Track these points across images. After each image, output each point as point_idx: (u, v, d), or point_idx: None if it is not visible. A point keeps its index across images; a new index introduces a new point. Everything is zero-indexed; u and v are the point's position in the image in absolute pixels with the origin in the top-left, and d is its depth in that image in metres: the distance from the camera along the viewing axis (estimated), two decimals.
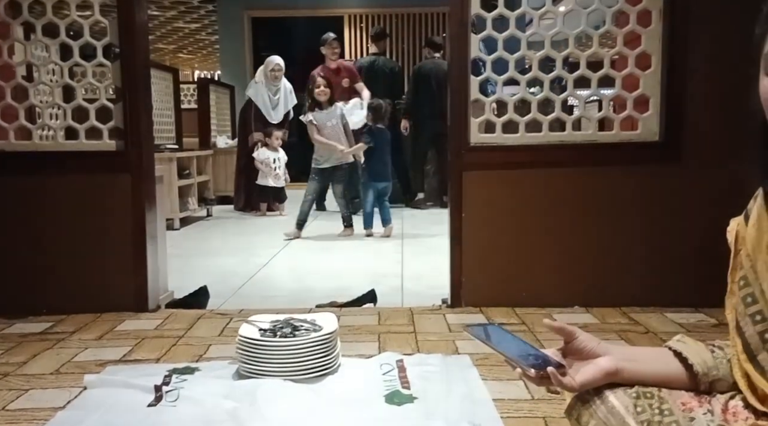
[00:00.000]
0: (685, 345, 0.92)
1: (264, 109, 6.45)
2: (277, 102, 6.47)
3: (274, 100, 6.46)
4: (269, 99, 6.45)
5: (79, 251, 2.83)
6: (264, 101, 6.46)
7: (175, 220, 5.58)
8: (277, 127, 6.45)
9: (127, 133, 2.80)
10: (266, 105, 6.45)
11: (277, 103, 6.46)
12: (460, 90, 2.79)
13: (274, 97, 6.46)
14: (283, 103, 6.49)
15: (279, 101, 6.47)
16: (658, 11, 2.68)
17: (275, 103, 6.46)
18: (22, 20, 2.81)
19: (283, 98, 6.50)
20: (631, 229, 2.81)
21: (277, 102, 6.47)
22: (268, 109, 6.45)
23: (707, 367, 0.89)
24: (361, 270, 3.87)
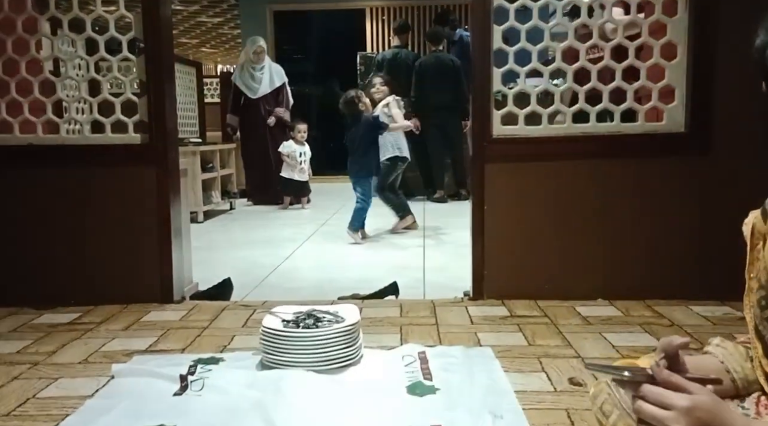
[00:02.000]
0: (725, 351, 0.90)
1: (243, 86, 6.50)
2: (260, 77, 6.50)
3: (257, 76, 6.49)
4: (250, 76, 6.50)
5: (106, 243, 2.88)
6: (243, 78, 6.52)
7: (199, 213, 5.64)
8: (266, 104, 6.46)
9: (152, 126, 2.84)
10: (247, 82, 6.50)
11: (260, 79, 6.49)
12: (482, 82, 2.77)
13: (257, 74, 6.50)
14: (267, 80, 6.52)
15: (262, 78, 6.50)
16: (684, 1, 2.64)
17: (258, 80, 6.49)
18: (49, 15, 2.85)
19: (267, 76, 6.52)
20: (656, 221, 2.78)
21: (260, 77, 6.50)
22: (248, 85, 6.49)
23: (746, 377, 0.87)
24: (384, 262, 3.88)
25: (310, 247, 4.47)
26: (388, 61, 6.88)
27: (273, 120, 6.50)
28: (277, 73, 6.62)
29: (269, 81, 6.52)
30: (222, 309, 2.79)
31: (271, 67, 6.59)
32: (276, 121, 6.53)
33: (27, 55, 2.84)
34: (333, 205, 6.45)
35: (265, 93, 6.49)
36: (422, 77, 6.57)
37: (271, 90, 6.53)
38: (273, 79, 6.55)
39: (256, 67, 6.49)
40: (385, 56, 7.04)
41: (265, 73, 6.51)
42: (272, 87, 6.53)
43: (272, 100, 6.56)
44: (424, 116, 6.57)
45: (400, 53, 6.92)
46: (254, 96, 6.47)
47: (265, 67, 6.52)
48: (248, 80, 6.51)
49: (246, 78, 6.52)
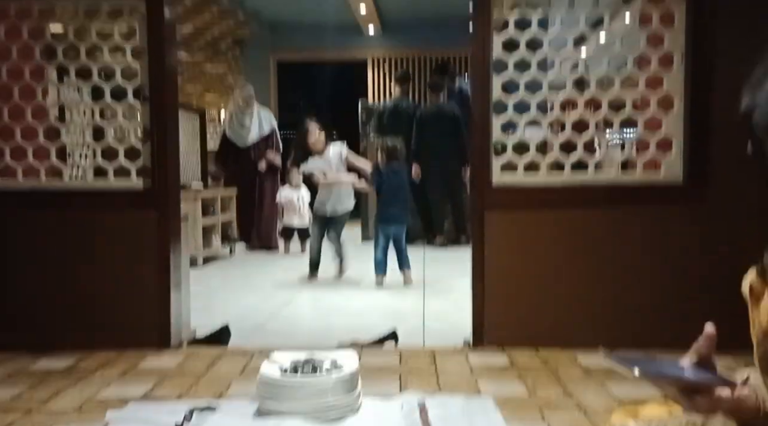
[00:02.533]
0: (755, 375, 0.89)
1: (233, 136, 6.53)
2: (249, 125, 6.54)
3: (245, 124, 6.52)
4: (239, 124, 6.54)
5: (105, 288, 2.87)
6: (233, 128, 6.56)
7: (199, 258, 5.63)
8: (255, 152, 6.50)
9: (155, 172, 2.86)
10: (236, 130, 6.54)
11: (249, 128, 6.53)
12: (482, 131, 2.81)
13: (246, 121, 6.53)
14: (256, 127, 6.55)
15: (251, 125, 6.54)
16: (680, 55, 2.70)
17: (247, 127, 6.53)
18: (56, 63, 2.91)
19: (256, 123, 6.56)
20: (655, 271, 2.78)
21: (249, 125, 6.54)
22: (238, 133, 6.52)
23: None
24: (383, 308, 3.86)
25: (309, 292, 4.46)
26: (390, 110, 6.98)
27: (264, 165, 6.53)
28: (266, 119, 6.65)
29: (258, 128, 6.55)
30: (219, 355, 2.76)
31: (260, 114, 6.63)
32: (267, 167, 6.56)
33: (33, 102, 2.88)
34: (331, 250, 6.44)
35: (254, 141, 6.52)
36: (423, 126, 6.65)
37: (260, 137, 6.56)
38: (262, 126, 6.58)
39: (245, 114, 6.53)
40: (386, 106, 7.15)
41: (254, 120, 6.54)
42: (261, 134, 6.55)
43: (262, 146, 6.60)
44: (425, 164, 6.63)
45: (401, 103, 7.03)
46: (244, 145, 6.49)
47: (254, 114, 6.56)
48: (237, 129, 6.52)
49: (235, 127, 6.53)
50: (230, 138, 6.54)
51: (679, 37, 2.68)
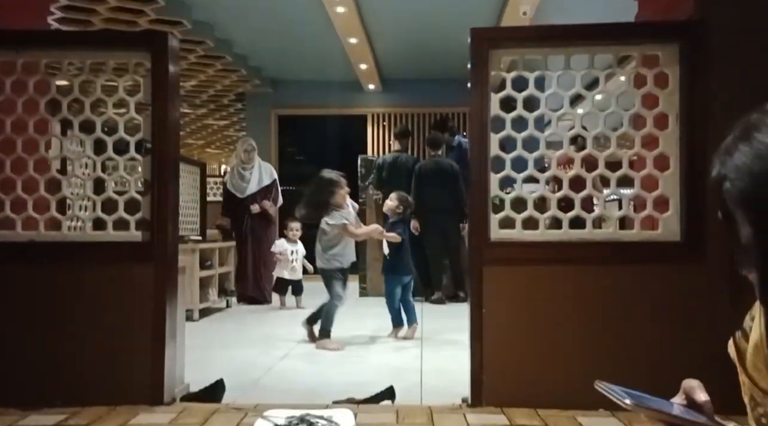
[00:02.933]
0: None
1: (232, 188, 6.62)
2: (249, 177, 6.61)
3: (246, 176, 6.62)
4: (239, 176, 6.63)
5: (98, 341, 2.84)
6: (233, 179, 6.66)
7: (195, 311, 5.58)
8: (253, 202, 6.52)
9: (154, 224, 2.87)
10: (235, 182, 6.63)
11: (248, 179, 6.60)
12: (480, 187, 2.83)
13: (246, 174, 6.62)
14: (255, 179, 6.62)
15: (250, 177, 6.61)
16: (674, 116, 2.74)
17: (247, 180, 6.60)
18: (60, 117, 2.95)
19: (256, 175, 6.63)
20: (655, 330, 2.75)
21: (249, 177, 6.61)
22: (237, 185, 6.62)
23: None
24: (381, 364, 3.81)
25: (305, 347, 4.40)
26: (389, 164, 7.05)
27: (256, 207, 6.55)
28: (267, 171, 6.74)
29: (258, 180, 6.64)
30: (213, 412, 2.71)
31: (261, 167, 6.73)
32: (262, 217, 6.57)
33: (36, 155, 2.91)
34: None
35: (252, 192, 6.59)
36: (421, 180, 6.70)
37: (259, 189, 6.63)
38: (262, 178, 6.67)
39: (246, 167, 6.64)
40: (385, 160, 7.22)
41: (254, 172, 6.64)
42: (260, 186, 6.64)
43: (261, 198, 6.65)
44: (423, 218, 6.66)
45: (400, 157, 7.10)
46: (242, 195, 6.58)
47: (255, 166, 6.66)
48: (237, 181, 6.64)
49: (235, 179, 6.66)
50: (230, 189, 6.64)
51: (673, 98, 2.74)
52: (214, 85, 9.61)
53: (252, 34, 7.81)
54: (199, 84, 9.49)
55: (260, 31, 7.67)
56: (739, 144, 0.76)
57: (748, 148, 0.74)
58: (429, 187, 6.66)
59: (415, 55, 8.60)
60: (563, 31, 2.91)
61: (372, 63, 8.69)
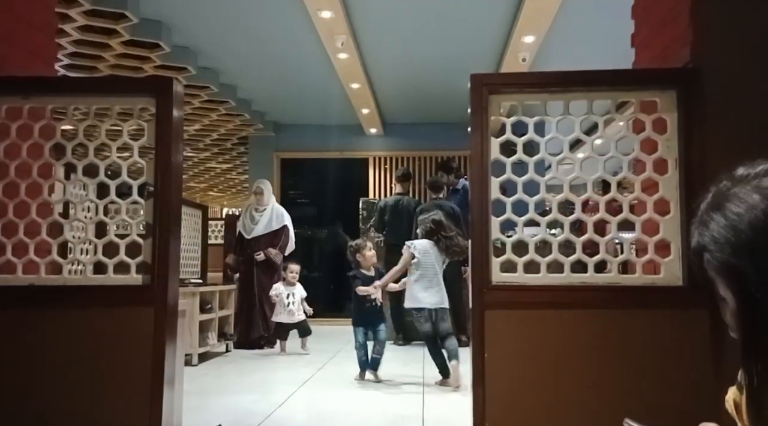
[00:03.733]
0: None
1: (242, 227, 6.73)
2: (258, 219, 6.63)
3: (255, 216, 6.66)
4: (250, 217, 6.71)
5: (97, 387, 2.80)
6: (244, 218, 6.78)
7: (194, 356, 5.53)
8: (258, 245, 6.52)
9: (155, 267, 2.86)
10: (245, 222, 6.73)
11: (257, 221, 6.63)
12: (481, 230, 2.83)
13: (256, 215, 6.69)
14: (264, 222, 6.65)
15: (260, 219, 6.65)
16: (673, 161, 2.76)
17: (255, 220, 6.63)
18: (64, 161, 2.97)
19: (266, 218, 6.67)
20: (660, 375, 2.72)
21: (258, 219, 6.63)
22: (246, 226, 6.71)
23: None
24: (381, 412, 3.75)
25: (304, 393, 4.34)
26: (391, 207, 7.08)
27: (261, 256, 6.55)
28: (278, 216, 6.77)
29: (266, 223, 6.66)
30: None
31: (273, 210, 6.76)
32: (266, 262, 6.57)
33: (39, 198, 2.93)
34: (331, 348, 6.35)
35: (258, 234, 6.61)
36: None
37: (267, 232, 6.64)
38: (271, 222, 6.69)
39: (258, 208, 6.70)
40: (387, 202, 7.25)
41: (264, 215, 6.68)
42: (268, 229, 6.65)
43: (268, 241, 6.65)
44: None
45: (402, 200, 7.13)
46: (248, 236, 6.61)
47: (267, 209, 6.70)
48: (247, 221, 6.73)
49: (246, 218, 6.77)
50: (239, 229, 6.71)
51: (672, 143, 2.76)
52: (217, 128, 9.72)
53: (256, 80, 7.93)
54: (203, 128, 9.60)
55: (264, 76, 7.79)
56: (713, 214, 0.78)
57: (723, 218, 0.76)
58: None
59: (416, 99, 8.71)
60: (562, 77, 2.95)
61: (374, 107, 8.80)
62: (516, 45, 6.31)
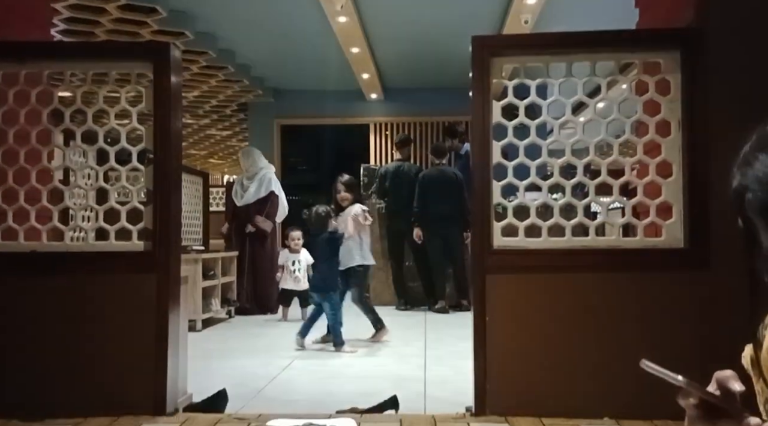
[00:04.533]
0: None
1: (234, 195, 6.76)
2: (248, 186, 6.66)
3: (245, 184, 6.70)
4: (241, 185, 6.74)
5: (101, 352, 2.83)
6: (235, 186, 6.80)
7: (198, 322, 5.57)
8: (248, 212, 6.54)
9: (156, 234, 2.86)
10: (236, 190, 6.75)
11: (247, 188, 6.65)
12: (482, 195, 2.83)
13: (246, 183, 6.70)
14: (253, 189, 6.65)
15: (249, 186, 6.66)
16: (676, 122, 2.74)
17: (245, 188, 6.66)
18: (63, 127, 2.96)
19: (255, 185, 6.66)
20: (659, 337, 2.74)
21: (248, 186, 6.66)
22: (237, 193, 6.73)
23: None
24: (384, 374, 3.79)
25: (308, 357, 4.39)
26: (391, 173, 7.06)
27: (250, 228, 6.58)
28: (266, 182, 6.74)
29: (256, 190, 6.66)
30: (216, 422, 2.70)
31: (263, 177, 6.73)
32: (257, 231, 6.59)
33: (38, 165, 2.92)
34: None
35: (248, 202, 6.61)
36: (425, 189, 6.70)
37: (256, 199, 6.64)
38: (260, 189, 6.68)
39: (249, 175, 6.70)
40: (388, 169, 7.22)
41: (254, 182, 6.67)
42: (257, 196, 6.64)
43: (257, 209, 6.65)
44: (426, 227, 6.66)
45: (402, 166, 7.10)
46: (239, 204, 6.64)
47: (257, 177, 6.69)
48: (238, 189, 6.75)
49: (237, 186, 6.79)
50: (232, 196, 6.74)
51: (675, 105, 2.73)
52: (216, 95, 9.64)
53: (254, 45, 7.84)
54: (202, 94, 9.52)
55: (262, 41, 7.70)
56: (758, 154, 0.76)
57: None
58: (432, 195, 6.66)
59: (417, 63, 8.62)
60: (564, 39, 2.91)
61: (374, 72, 8.72)
62: (518, 6, 6.22)
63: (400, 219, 6.92)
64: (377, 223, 7.28)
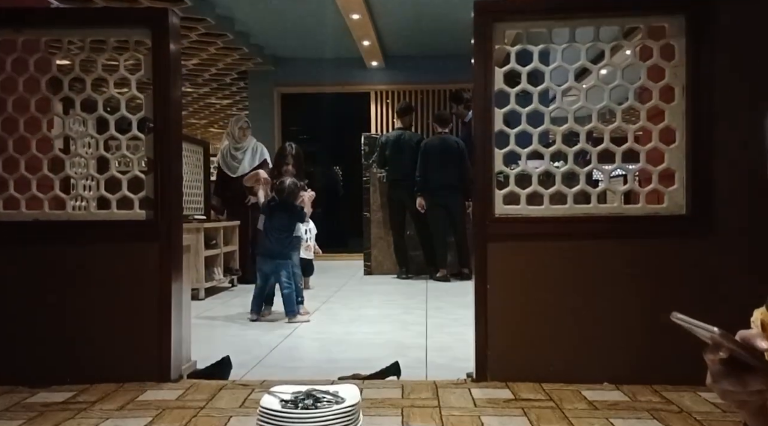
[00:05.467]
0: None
1: (225, 167, 6.57)
2: (241, 157, 6.56)
3: (237, 156, 6.55)
4: (231, 156, 6.57)
5: (105, 320, 2.85)
6: (225, 158, 6.59)
7: (201, 290, 5.61)
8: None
9: (157, 203, 2.86)
10: (228, 162, 6.57)
11: (241, 159, 6.55)
12: (484, 162, 2.82)
13: (238, 154, 6.56)
14: (248, 159, 6.56)
15: (243, 157, 6.56)
16: (680, 88, 2.71)
17: (239, 159, 6.55)
18: (62, 95, 2.93)
19: (249, 155, 6.58)
20: (660, 304, 2.75)
21: (241, 157, 6.56)
22: (229, 165, 6.55)
23: None
24: (386, 341, 3.83)
25: (311, 325, 4.42)
26: (392, 142, 7.02)
27: (253, 199, 6.52)
28: (260, 151, 6.65)
29: (250, 160, 6.56)
30: (220, 388, 2.73)
31: (254, 147, 6.65)
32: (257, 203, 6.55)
33: (38, 134, 2.90)
34: (335, 282, 6.43)
35: (245, 171, 6.49)
36: (427, 158, 6.68)
37: (251, 169, 6.55)
38: (254, 158, 6.60)
39: (239, 146, 6.55)
40: (388, 138, 7.18)
41: (247, 152, 6.57)
42: (252, 166, 6.54)
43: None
44: (428, 196, 6.65)
45: (403, 135, 7.06)
46: (233, 175, 6.51)
47: (248, 146, 6.59)
48: (229, 160, 6.55)
49: (227, 158, 6.58)
50: (223, 169, 6.59)
51: (679, 70, 2.70)
52: (216, 63, 9.55)
53: (253, 12, 7.74)
54: (201, 62, 9.43)
55: (262, 8, 7.60)
56: None
57: None
58: (434, 164, 6.64)
59: (419, 30, 8.52)
60: (568, 3, 2.87)
61: (375, 39, 8.62)
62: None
63: (400, 188, 6.91)
64: (377, 193, 7.28)
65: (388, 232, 7.14)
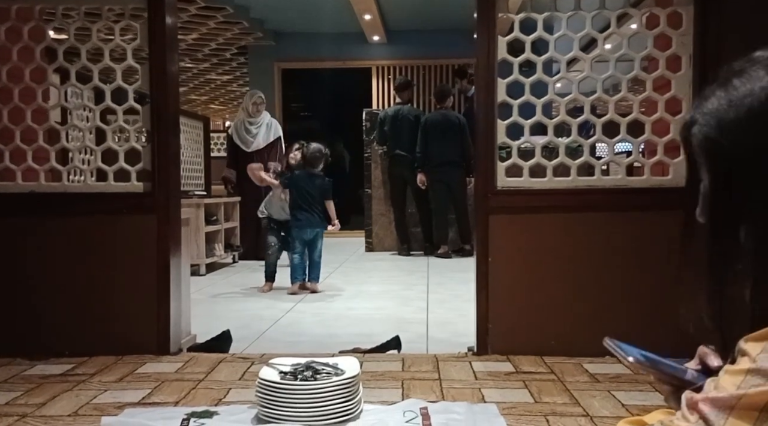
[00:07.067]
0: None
1: (238, 140, 6.49)
2: (256, 132, 6.51)
3: (252, 130, 6.50)
4: (245, 129, 6.50)
5: (104, 292, 2.83)
6: (239, 131, 6.52)
7: (201, 266, 5.59)
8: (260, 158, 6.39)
9: (155, 175, 2.83)
10: (242, 135, 6.50)
11: (255, 134, 6.50)
12: (487, 134, 2.77)
13: (253, 128, 6.50)
14: (263, 134, 6.51)
15: (258, 132, 6.51)
16: (687, 57, 2.66)
17: (253, 134, 6.49)
18: (57, 65, 2.88)
19: (263, 130, 6.53)
20: (664, 277, 2.72)
21: (256, 132, 6.51)
22: (243, 138, 6.48)
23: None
24: (387, 316, 3.81)
25: (312, 300, 4.41)
26: (390, 118, 6.95)
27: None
28: (274, 127, 6.61)
29: (264, 135, 6.50)
30: (219, 361, 2.72)
31: (268, 123, 6.59)
32: None
33: (33, 104, 2.86)
34: (336, 258, 6.41)
35: (258, 147, 6.43)
36: (427, 133, 6.61)
37: (266, 144, 6.51)
38: (269, 133, 6.54)
39: (253, 120, 6.49)
40: (387, 113, 7.11)
41: (261, 127, 6.50)
42: (267, 141, 6.50)
43: (266, 154, 6.54)
44: (429, 172, 6.60)
45: (401, 110, 6.98)
46: (248, 149, 6.45)
47: (263, 121, 6.53)
48: (243, 134, 6.49)
49: (241, 131, 6.52)
50: (237, 142, 6.52)
51: (686, 39, 2.65)
52: (215, 38, 9.44)
53: None
54: (200, 37, 9.32)
55: None
56: (717, 90, 0.74)
57: (724, 94, 0.72)
58: (435, 140, 6.57)
59: (421, 4, 8.40)
60: None
61: (376, 13, 8.50)
62: None
63: (401, 164, 6.85)
64: (379, 170, 7.23)
65: (390, 209, 7.10)
